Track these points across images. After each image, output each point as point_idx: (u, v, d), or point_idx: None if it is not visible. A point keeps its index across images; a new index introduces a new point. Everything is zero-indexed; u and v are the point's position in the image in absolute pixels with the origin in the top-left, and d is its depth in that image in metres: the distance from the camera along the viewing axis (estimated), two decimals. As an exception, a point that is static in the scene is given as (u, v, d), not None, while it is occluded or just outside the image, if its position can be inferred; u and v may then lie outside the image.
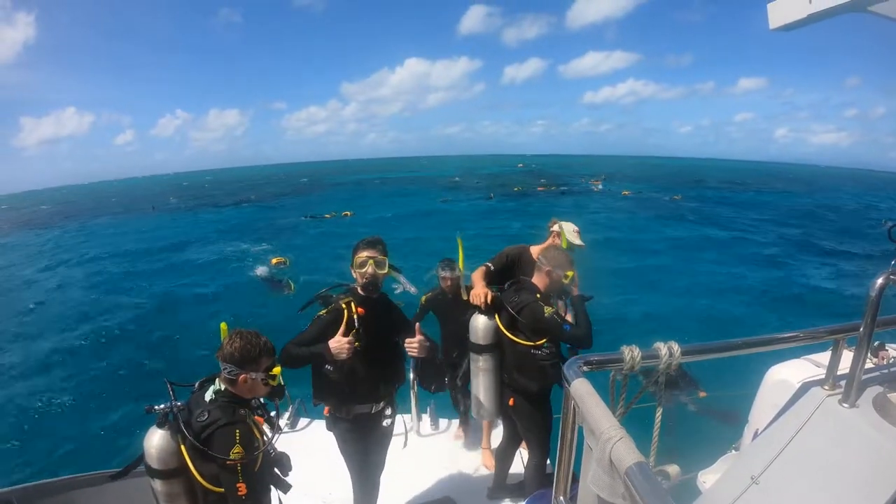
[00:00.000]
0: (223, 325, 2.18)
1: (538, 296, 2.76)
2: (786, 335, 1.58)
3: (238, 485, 1.79)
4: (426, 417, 4.35)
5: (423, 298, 3.98)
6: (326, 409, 2.66)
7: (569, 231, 3.35)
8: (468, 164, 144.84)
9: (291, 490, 2.10)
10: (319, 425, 3.76)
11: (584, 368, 1.36)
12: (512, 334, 2.82)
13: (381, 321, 2.58)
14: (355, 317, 2.46)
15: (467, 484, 3.54)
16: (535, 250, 3.37)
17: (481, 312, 2.94)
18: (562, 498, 1.47)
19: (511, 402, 2.94)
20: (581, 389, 1.27)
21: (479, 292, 2.91)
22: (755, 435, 2.26)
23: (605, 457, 1.11)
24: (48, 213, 56.52)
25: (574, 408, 1.32)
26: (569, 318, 2.83)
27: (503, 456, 3.32)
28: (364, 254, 2.47)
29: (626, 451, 1.05)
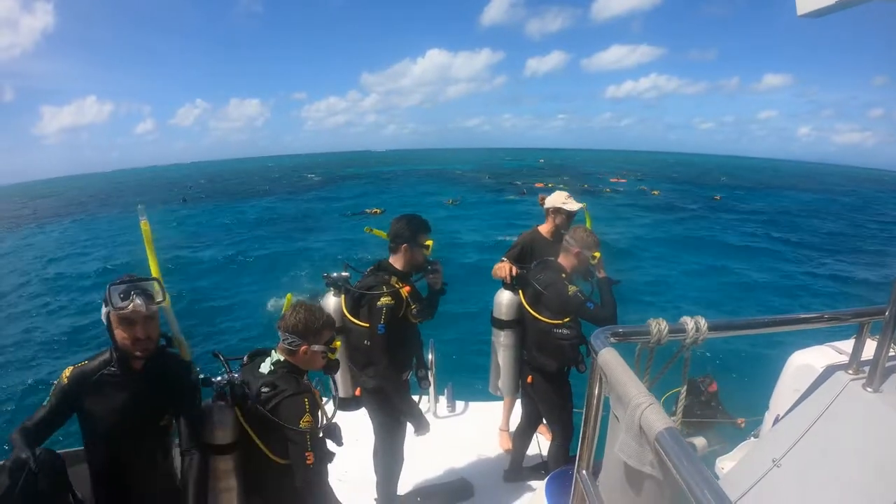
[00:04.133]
0: (289, 296, 2.16)
1: (563, 276, 2.78)
2: (810, 315, 1.58)
3: (307, 454, 1.81)
4: (443, 399, 4.35)
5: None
6: (358, 390, 2.69)
7: (560, 199, 3.37)
8: (487, 157, 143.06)
9: None
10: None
11: (612, 339, 1.37)
12: (535, 311, 2.84)
13: (414, 290, 2.62)
14: (406, 296, 2.51)
15: (484, 466, 3.55)
16: (543, 229, 3.45)
17: (506, 287, 2.96)
18: (584, 472, 1.47)
19: (529, 379, 2.98)
20: (609, 358, 1.28)
21: (504, 265, 2.95)
22: (776, 420, 2.25)
23: (634, 423, 1.09)
24: (80, 202, 56.71)
25: (601, 378, 1.33)
26: None
27: (521, 437, 3.33)
28: (430, 239, 2.60)
29: (656, 417, 1.04)
